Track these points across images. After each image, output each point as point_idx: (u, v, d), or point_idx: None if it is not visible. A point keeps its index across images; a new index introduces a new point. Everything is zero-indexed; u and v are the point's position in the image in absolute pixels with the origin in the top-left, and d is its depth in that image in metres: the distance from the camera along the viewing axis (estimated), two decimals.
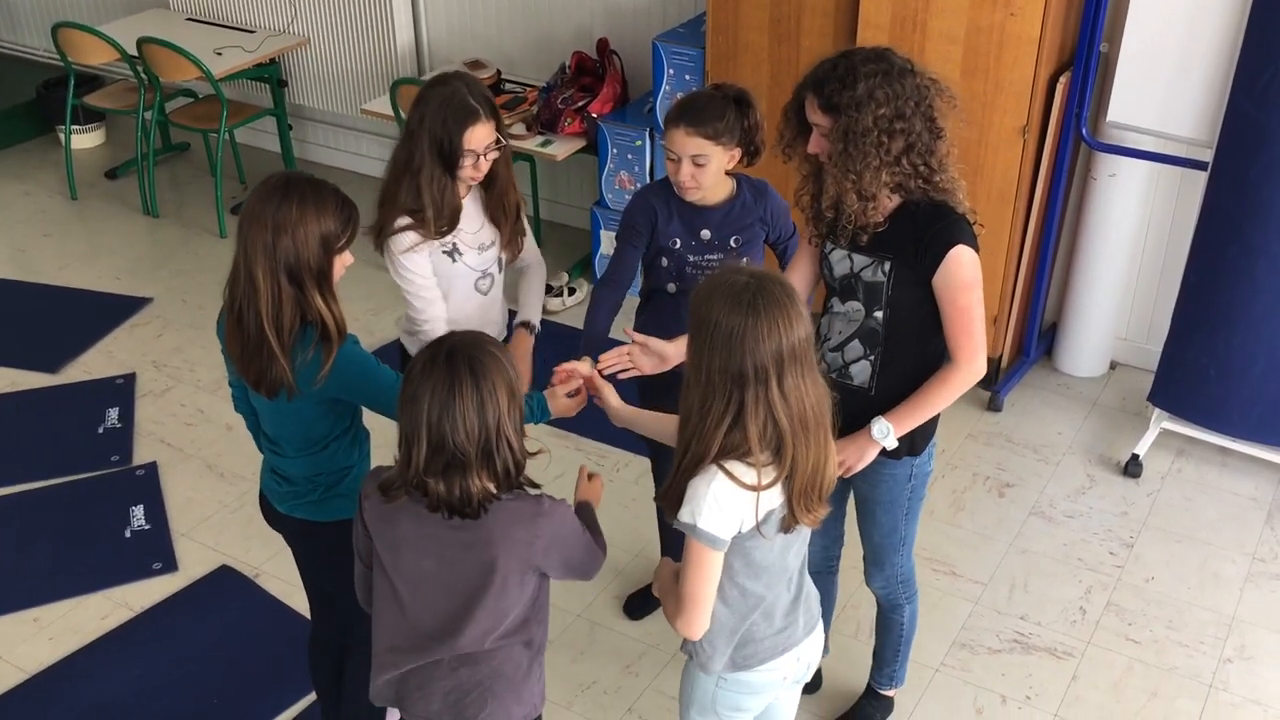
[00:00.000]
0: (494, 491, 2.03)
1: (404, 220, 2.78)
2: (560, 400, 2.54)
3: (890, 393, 2.56)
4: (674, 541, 2.70)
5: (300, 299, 2.31)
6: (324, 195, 2.32)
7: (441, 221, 2.79)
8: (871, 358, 2.56)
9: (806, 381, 1.99)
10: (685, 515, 2.03)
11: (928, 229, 2.41)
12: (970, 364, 2.48)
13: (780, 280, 2.02)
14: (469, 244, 2.89)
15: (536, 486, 2.12)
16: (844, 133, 2.34)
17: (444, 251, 2.85)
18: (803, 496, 2.04)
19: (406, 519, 2.08)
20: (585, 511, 2.33)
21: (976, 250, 2.44)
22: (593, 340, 2.86)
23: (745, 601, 2.15)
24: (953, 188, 2.42)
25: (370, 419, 2.53)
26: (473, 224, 2.89)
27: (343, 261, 2.37)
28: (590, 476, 2.43)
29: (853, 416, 2.56)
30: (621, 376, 2.61)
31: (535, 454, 2.10)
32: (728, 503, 2.00)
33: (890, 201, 2.45)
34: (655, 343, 2.59)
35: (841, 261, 2.54)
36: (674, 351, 2.59)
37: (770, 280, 2.00)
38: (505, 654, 2.16)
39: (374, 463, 2.53)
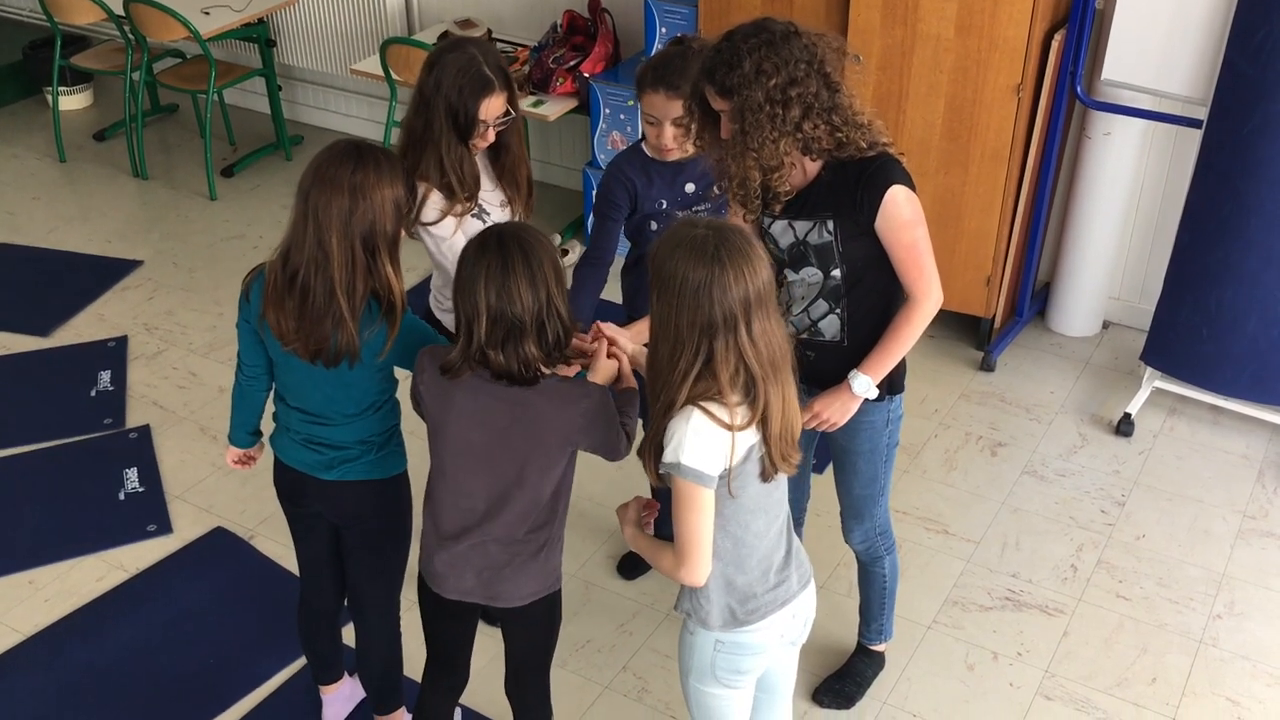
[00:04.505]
0: (541, 359, 2.18)
1: (429, 188, 2.73)
2: (601, 370, 2.40)
3: (861, 339, 2.57)
4: (665, 504, 2.69)
5: (371, 267, 2.29)
6: (394, 161, 2.33)
7: (465, 190, 2.76)
8: (839, 311, 2.57)
9: (772, 323, 2.03)
10: (669, 455, 2.04)
11: (859, 179, 2.41)
12: (928, 297, 2.50)
13: (738, 229, 2.05)
14: (491, 202, 2.87)
15: (579, 356, 2.30)
16: (739, 112, 2.33)
17: (473, 215, 2.82)
18: (779, 441, 2.07)
19: (462, 393, 2.23)
20: (621, 397, 2.42)
21: (911, 185, 2.44)
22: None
23: (738, 551, 2.16)
24: (858, 136, 2.39)
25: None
26: (487, 183, 2.88)
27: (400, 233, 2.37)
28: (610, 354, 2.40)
29: (830, 369, 2.58)
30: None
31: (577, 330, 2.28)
32: (708, 436, 2.02)
33: (811, 164, 2.45)
34: (621, 338, 2.44)
35: (784, 233, 2.53)
36: (631, 338, 2.46)
37: (729, 229, 2.03)
38: (533, 533, 2.32)
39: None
